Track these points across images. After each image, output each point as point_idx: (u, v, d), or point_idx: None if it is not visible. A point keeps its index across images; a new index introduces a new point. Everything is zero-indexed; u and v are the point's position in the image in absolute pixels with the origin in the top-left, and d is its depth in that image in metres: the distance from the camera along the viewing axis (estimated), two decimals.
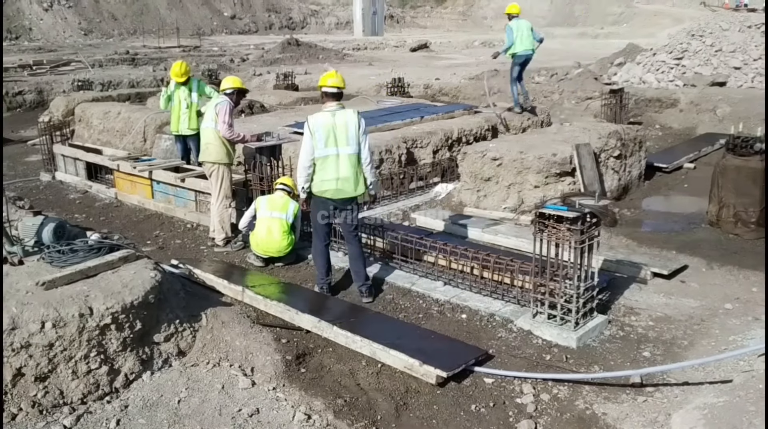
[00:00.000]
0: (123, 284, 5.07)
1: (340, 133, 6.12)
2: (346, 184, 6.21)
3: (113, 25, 45.68)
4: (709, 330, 5.79)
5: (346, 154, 6.14)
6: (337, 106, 6.19)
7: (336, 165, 6.17)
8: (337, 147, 6.14)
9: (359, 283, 6.49)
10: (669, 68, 18.11)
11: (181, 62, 10.12)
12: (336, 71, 6.49)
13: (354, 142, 6.14)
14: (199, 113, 9.74)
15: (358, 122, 6.18)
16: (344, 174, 6.18)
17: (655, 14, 53.64)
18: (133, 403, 4.74)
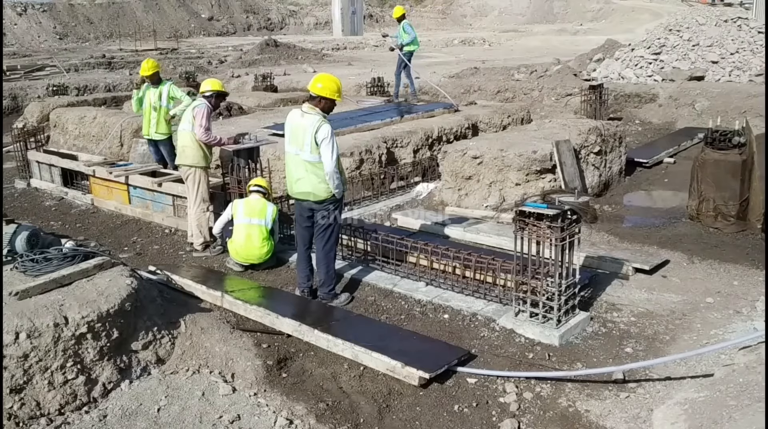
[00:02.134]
0: (98, 292, 4.98)
1: (298, 136, 6.06)
2: (302, 186, 6.15)
3: (89, 28, 45.20)
4: (691, 324, 5.81)
5: (300, 158, 6.07)
6: (308, 108, 6.11)
7: (293, 165, 6.16)
8: (295, 148, 6.10)
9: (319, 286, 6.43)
10: (647, 63, 18.20)
11: (148, 59, 10.08)
12: (326, 76, 6.24)
13: (307, 148, 5.99)
14: (172, 117, 9.69)
15: (315, 130, 5.93)
16: (298, 175, 6.14)
17: (633, 10, 53.98)
18: (111, 412, 4.66)
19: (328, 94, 6.02)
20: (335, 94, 6.06)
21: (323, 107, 6.08)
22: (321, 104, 6.07)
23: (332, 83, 6.07)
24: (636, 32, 34.58)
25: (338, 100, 6.16)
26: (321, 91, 6.01)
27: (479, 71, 21.70)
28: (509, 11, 61.01)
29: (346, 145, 10.26)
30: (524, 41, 39.62)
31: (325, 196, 6.13)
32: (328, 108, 6.13)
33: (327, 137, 5.95)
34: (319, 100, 6.05)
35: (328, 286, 6.36)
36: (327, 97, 6.03)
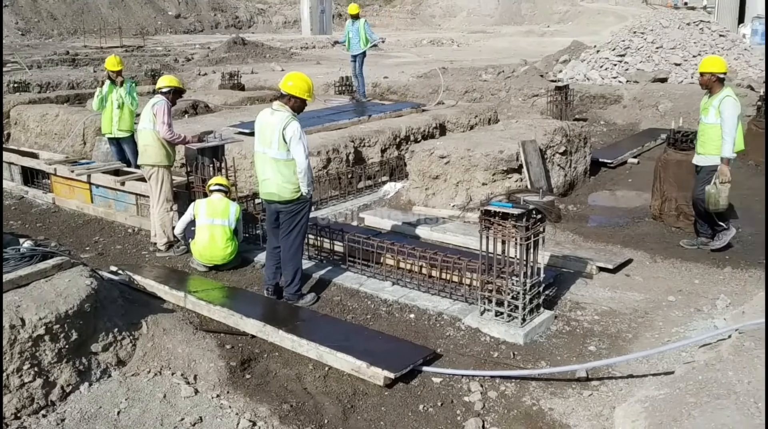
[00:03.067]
0: (57, 293, 4.87)
1: (266, 133, 6.01)
2: (268, 186, 6.10)
3: (52, 24, 44.33)
4: (653, 322, 5.88)
5: (269, 156, 6.02)
6: (278, 106, 6.06)
7: (262, 164, 6.11)
8: (263, 146, 6.06)
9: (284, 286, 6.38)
10: (612, 65, 18.45)
11: (114, 55, 9.95)
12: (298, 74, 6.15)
13: (275, 146, 5.94)
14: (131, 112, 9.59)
15: (283, 127, 5.88)
16: (265, 175, 6.10)
17: (599, 12, 54.65)
18: (70, 416, 4.56)
19: (298, 93, 5.98)
20: (305, 94, 6.01)
21: (293, 106, 6.04)
22: (291, 103, 6.02)
23: (303, 82, 6.02)
24: (601, 34, 35.04)
25: (309, 99, 6.10)
26: (291, 89, 5.97)
27: (447, 71, 21.77)
28: (478, 12, 61.35)
29: (314, 144, 10.21)
30: (492, 42, 39.86)
31: (290, 196, 6.06)
32: (298, 107, 6.08)
33: (296, 134, 5.90)
34: (289, 98, 6.01)
35: (294, 287, 6.30)
36: (297, 95, 5.99)
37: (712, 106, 7.22)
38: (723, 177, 7.11)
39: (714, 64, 7.33)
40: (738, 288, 6.52)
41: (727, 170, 7.13)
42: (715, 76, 7.24)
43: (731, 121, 7.04)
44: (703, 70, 7.35)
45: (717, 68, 7.26)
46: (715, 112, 7.17)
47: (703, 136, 7.40)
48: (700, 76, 7.45)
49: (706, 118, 7.33)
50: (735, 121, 7.05)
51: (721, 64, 7.34)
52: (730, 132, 7.05)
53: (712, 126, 7.24)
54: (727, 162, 7.13)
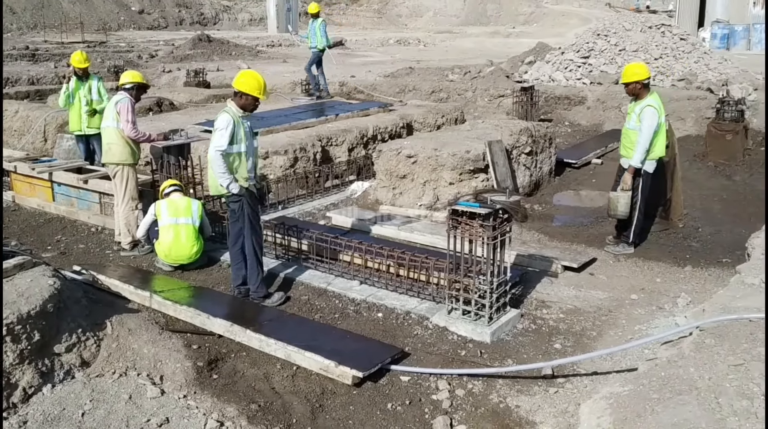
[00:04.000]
0: (18, 293, 4.77)
1: None
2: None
3: (11, 18, 43.35)
4: (617, 320, 5.99)
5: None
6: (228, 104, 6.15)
7: None
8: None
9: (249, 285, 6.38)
10: (576, 67, 18.71)
11: (80, 51, 9.76)
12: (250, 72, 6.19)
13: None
14: (96, 112, 9.43)
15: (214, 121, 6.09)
16: None
17: (563, 14, 55.38)
18: (32, 418, 4.47)
19: (247, 90, 5.96)
20: (256, 91, 5.97)
21: (244, 104, 6.02)
22: (242, 101, 6.00)
23: (254, 80, 6.00)
24: (566, 36, 35.52)
25: (261, 97, 6.04)
26: (242, 86, 5.97)
27: (414, 71, 21.87)
28: (444, 12, 61.67)
29: (280, 142, 10.17)
30: (458, 42, 40.13)
31: (215, 192, 6.23)
32: (249, 104, 6.05)
33: (217, 125, 5.95)
34: (240, 95, 6.00)
35: (255, 285, 6.27)
36: (247, 92, 5.96)
37: (634, 113, 7.33)
38: (624, 185, 7.33)
39: (636, 72, 7.36)
40: (698, 286, 6.67)
41: (629, 179, 7.31)
42: (640, 83, 7.31)
43: (648, 130, 7.16)
44: (627, 80, 7.38)
45: (640, 76, 7.32)
46: (636, 118, 7.28)
47: (625, 139, 7.55)
48: (624, 86, 7.48)
49: (628, 123, 7.44)
50: (651, 132, 7.17)
51: (643, 70, 7.39)
52: (643, 142, 7.18)
53: (632, 131, 7.36)
54: (632, 171, 7.29)
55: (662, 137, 7.39)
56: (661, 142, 7.38)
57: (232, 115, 5.96)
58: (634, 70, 7.43)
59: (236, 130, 5.95)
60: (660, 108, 7.31)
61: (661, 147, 7.42)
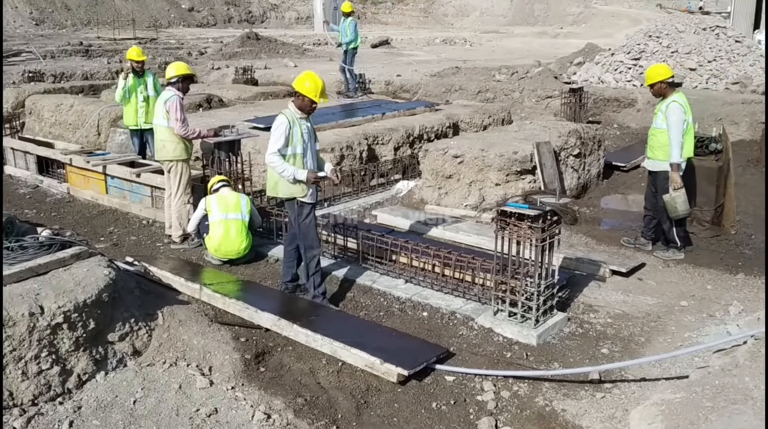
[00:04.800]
0: (75, 282, 4.91)
1: None
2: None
3: (66, 15, 44.53)
4: (666, 327, 5.88)
5: None
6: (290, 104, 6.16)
7: None
8: None
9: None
10: (627, 68, 18.40)
11: (135, 46, 9.95)
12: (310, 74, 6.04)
13: None
14: None
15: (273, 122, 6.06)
16: None
17: (612, 15, 54.51)
18: (86, 404, 4.59)
19: (304, 92, 5.90)
20: (312, 93, 5.89)
21: (301, 105, 5.97)
22: (300, 102, 5.97)
23: (313, 82, 5.92)
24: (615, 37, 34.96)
25: (317, 100, 5.95)
26: (300, 87, 5.92)
27: (460, 71, 21.77)
28: (491, 12, 61.27)
29: (327, 140, 10.24)
30: (505, 42, 39.82)
31: (273, 194, 6.15)
32: (306, 107, 5.99)
33: (273, 127, 5.93)
34: (299, 96, 5.97)
35: (311, 293, 6.26)
36: (304, 94, 5.91)
37: (661, 111, 7.29)
38: (674, 184, 7.19)
39: (659, 72, 7.34)
40: (751, 294, 6.51)
41: (677, 176, 7.19)
42: (664, 83, 7.28)
43: (677, 126, 7.08)
44: (651, 81, 7.35)
45: (663, 75, 7.29)
46: (663, 116, 7.23)
47: (651, 140, 7.47)
48: (650, 87, 7.45)
49: (655, 123, 7.39)
50: (680, 127, 7.10)
51: (665, 70, 7.38)
52: (676, 137, 7.10)
53: (660, 131, 7.29)
54: (676, 168, 7.18)
55: (690, 137, 7.32)
56: (689, 141, 7.30)
57: (288, 117, 5.91)
58: (657, 70, 7.39)
59: (292, 132, 5.89)
60: (686, 105, 7.23)
61: (690, 147, 7.33)
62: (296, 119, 5.95)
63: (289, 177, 5.89)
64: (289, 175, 5.88)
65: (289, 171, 5.86)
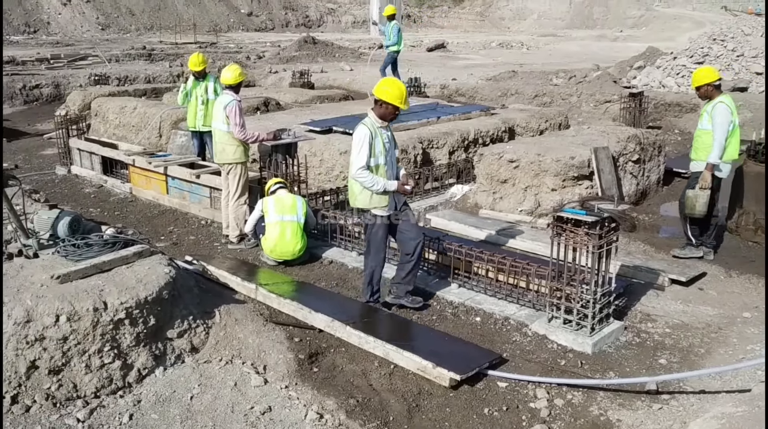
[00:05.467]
0: (137, 279, 5.06)
1: None
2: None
3: (130, 20, 45.91)
4: (727, 338, 5.71)
5: None
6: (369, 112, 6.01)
7: None
8: None
9: None
10: (689, 72, 17.91)
11: (197, 53, 10.14)
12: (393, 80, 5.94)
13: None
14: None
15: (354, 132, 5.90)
16: None
17: (675, 18, 53.24)
18: (145, 398, 4.74)
19: (388, 98, 5.72)
20: (397, 100, 5.72)
21: (384, 113, 5.80)
22: (382, 110, 5.79)
23: (396, 88, 5.76)
24: (677, 40, 34.12)
25: (402, 107, 5.77)
26: (382, 94, 5.75)
27: (517, 75, 21.58)
28: (548, 15, 60.57)
29: None
30: (563, 46, 39.30)
31: (357, 205, 6.00)
32: (389, 114, 5.81)
33: (354, 140, 5.78)
34: (381, 104, 5.78)
35: (365, 295, 6.27)
36: (388, 101, 5.72)
37: (706, 112, 7.31)
38: (703, 182, 7.20)
39: (706, 75, 7.38)
40: None
41: (709, 176, 7.19)
42: (711, 86, 7.31)
43: (722, 127, 7.09)
44: (698, 83, 7.38)
45: (710, 78, 7.31)
46: (708, 117, 7.24)
47: (696, 141, 7.47)
48: (696, 90, 7.49)
49: (701, 124, 7.39)
50: (725, 128, 7.10)
51: (712, 73, 7.41)
52: (719, 138, 7.11)
53: (705, 132, 7.29)
54: (711, 168, 7.18)
55: (735, 139, 7.28)
56: (734, 143, 7.27)
57: (369, 127, 5.75)
58: (704, 73, 7.44)
59: (374, 143, 5.75)
60: (732, 107, 7.21)
61: (734, 149, 7.31)
62: (377, 129, 5.80)
63: (380, 190, 5.77)
64: (379, 189, 5.76)
65: (380, 184, 5.74)
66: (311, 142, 9.97)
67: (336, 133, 10.81)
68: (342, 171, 9.97)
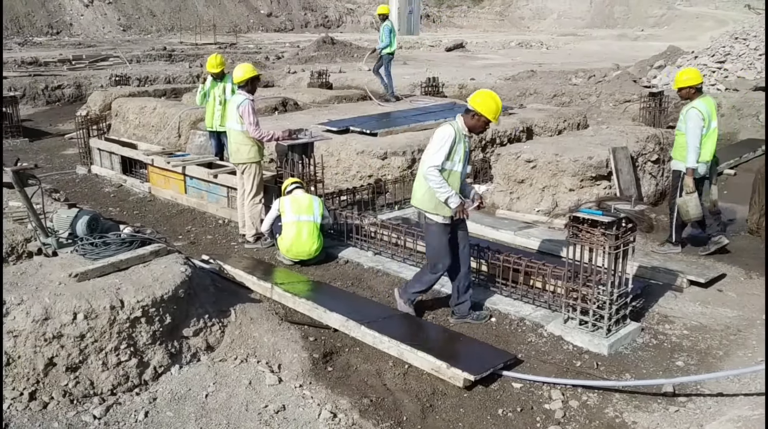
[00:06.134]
0: (154, 278, 5.11)
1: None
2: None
3: (151, 21, 46.34)
4: (746, 341, 5.64)
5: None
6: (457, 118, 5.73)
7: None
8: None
9: None
10: (711, 72, 17.73)
11: (215, 55, 10.18)
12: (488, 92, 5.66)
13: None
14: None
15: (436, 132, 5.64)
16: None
17: (697, 16, 52.70)
18: (161, 395, 4.77)
19: (483, 111, 5.50)
20: (492, 114, 5.51)
21: (474, 125, 5.58)
22: (473, 121, 5.57)
23: (492, 101, 5.54)
24: (699, 39, 33.75)
25: (494, 121, 5.61)
26: (477, 105, 5.51)
27: (536, 74, 21.48)
28: (568, 15, 60.21)
29: (399, 143, 10.29)
30: (583, 45, 39.04)
31: (420, 206, 5.74)
32: (479, 127, 5.61)
33: (437, 134, 5.54)
34: (473, 115, 5.55)
35: (402, 298, 6.07)
36: (482, 113, 5.50)
37: (682, 114, 7.47)
38: (687, 187, 7.35)
39: (690, 77, 7.45)
40: None
41: (690, 181, 7.32)
42: (693, 89, 7.41)
43: (693, 132, 7.24)
44: (681, 85, 7.47)
45: (693, 81, 7.41)
46: (683, 119, 7.43)
47: (675, 141, 7.70)
48: (678, 91, 7.58)
49: (678, 125, 7.58)
50: (697, 133, 7.24)
51: (696, 75, 7.50)
52: (693, 143, 7.26)
53: (680, 133, 7.50)
54: (691, 172, 7.32)
55: (711, 141, 7.41)
56: (709, 145, 7.39)
57: (456, 129, 5.52)
58: (687, 75, 7.52)
59: (456, 147, 5.52)
60: (706, 111, 7.31)
61: (709, 151, 7.41)
62: (462, 135, 5.58)
63: (441, 197, 5.51)
64: (442, 196, 5.50)
65: (445, 190, 5.47)
66: (328, 141, 9.99)
67: (353, 133, 10.83)
68: (359, 171, 9.98)
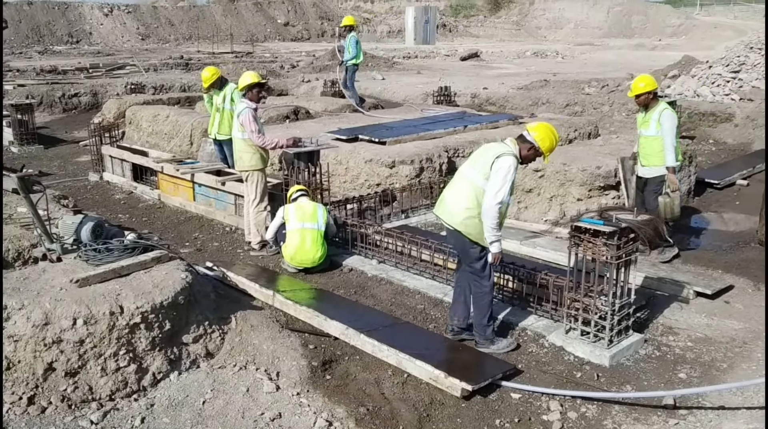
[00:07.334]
0: (154, 284, 5.14)
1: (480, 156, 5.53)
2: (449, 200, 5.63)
3: (170, 30, 46.79)
4: (752, 353, 5.56)
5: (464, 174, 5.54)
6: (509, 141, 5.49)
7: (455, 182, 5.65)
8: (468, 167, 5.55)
9: None
10: (725, 81, 17.56)
11: (208, 68, 10.28)
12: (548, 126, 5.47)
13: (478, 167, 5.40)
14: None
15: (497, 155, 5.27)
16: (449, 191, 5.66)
17: (715, 26, 52.31)
18: (159, 402, 4.79)
19: (540, 144, 5.34)
20: (547, 150, 5.38)
21: (526, 155, 5.39)
22: (528, 152, 5.37)
23: (551, 138, 5.38)
24: (716, 49, 33.45)
25: (545, 159, 5.55)
26: (536, 138, 5.34)
27: (549, 84, 21.42)
28: (585, 24, 60.00)
29: (407, 152, 10.28)
30: (599, 55, 38.87)
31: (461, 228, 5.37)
32: (530, 158, 5.45)
33: (503, 168, 5.17)
34: (531, 148, 5.36)
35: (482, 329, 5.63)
36: (538, 146, 5.34)
37: (652, 119, 7.58)
38: (672, 185, 7.50)
39: (648, 84, 7.62)
40: None
41: (675, 178, 7.53)
42: (651, 94, 7.62)
43: (671, 131, 7.45)
44: (638, 92, 7.62)
45: (650, 87, 7.60)
46: (656, 124, 7.54)
47: (645, 148, 7.74)
48: (635, 98, 7.74)
49: (647, 131, 7.67)
50: (675, 132, 7.48)
51: (651, 81, 7.70)
52: (671, 142, 7.45)
53: (654, 138, 7.58)
54: (673, 170, 7.50)
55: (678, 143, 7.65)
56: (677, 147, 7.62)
57: (517, 162, 5.34)
58: (644, 81, 7.67)
59: (515, 180, 5.37)
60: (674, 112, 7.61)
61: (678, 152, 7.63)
62: (517, 166, 5.36)
63: (489, 238, 5.28)
64: (490, 236, 5.27)
65: (497, 233, 5.27)
66: (337, 150, 10.02)
67: (362, 142, 10.84)
68: (367, 179, 9.98)
